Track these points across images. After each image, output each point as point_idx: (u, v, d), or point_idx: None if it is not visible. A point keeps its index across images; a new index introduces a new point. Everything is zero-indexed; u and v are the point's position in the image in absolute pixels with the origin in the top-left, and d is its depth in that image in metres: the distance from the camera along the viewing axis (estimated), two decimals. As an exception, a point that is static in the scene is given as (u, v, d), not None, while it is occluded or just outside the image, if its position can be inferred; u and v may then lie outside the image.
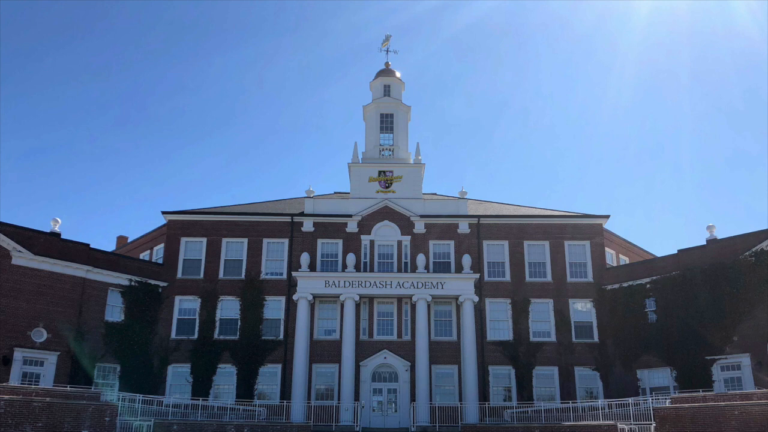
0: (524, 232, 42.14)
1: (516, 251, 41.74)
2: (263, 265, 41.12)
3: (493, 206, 47.01)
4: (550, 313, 40.35)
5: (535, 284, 41.06)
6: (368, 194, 42.72)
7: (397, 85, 47.13)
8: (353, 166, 43.57)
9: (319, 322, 39.98)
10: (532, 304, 40.49)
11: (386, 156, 44.53)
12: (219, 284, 40.50)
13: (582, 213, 43.69)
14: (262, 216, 42.04)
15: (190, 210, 42.71)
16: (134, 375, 37.31)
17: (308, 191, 42.93)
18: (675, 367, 36.38)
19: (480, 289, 40.48)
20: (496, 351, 39.43)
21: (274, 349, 39.26)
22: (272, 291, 40.49)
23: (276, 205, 45.58)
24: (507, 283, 41.03)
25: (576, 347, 39.59)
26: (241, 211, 43.09)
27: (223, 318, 39.69)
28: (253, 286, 40.45)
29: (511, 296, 40.64)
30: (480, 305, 40.25)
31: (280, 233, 41.66)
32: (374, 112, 46.07)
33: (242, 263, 41.02)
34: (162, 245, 42.23)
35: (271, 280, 40.73)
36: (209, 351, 38.94)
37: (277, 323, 39.80)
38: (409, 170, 43.42)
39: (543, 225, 42.39)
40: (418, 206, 42.46)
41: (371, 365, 38.95)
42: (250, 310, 39.87)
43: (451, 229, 42.10)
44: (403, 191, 42.69)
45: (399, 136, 45.20)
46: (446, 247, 41.74)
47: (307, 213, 42.36)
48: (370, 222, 42.07)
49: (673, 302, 37.25)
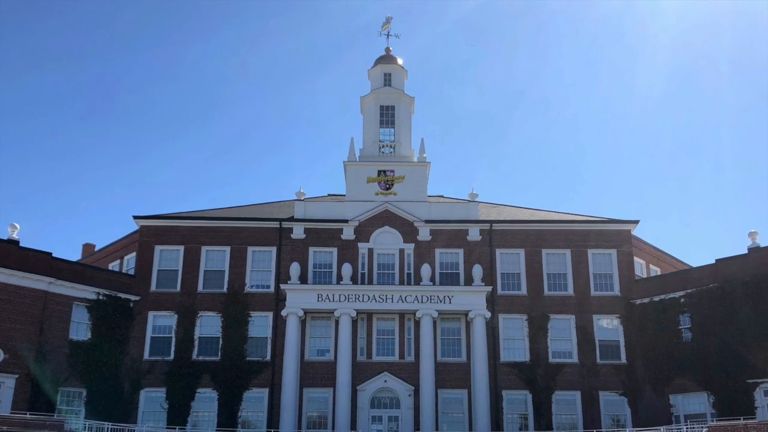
0: (542, 240, 42.23)
1: (533, 261, 41.83)
2: (248, 276, 41.24)
3: (508, 210, 47.08)
4: (571, 330, 40.49)
5: (554, 298, 41.11)
6: (366, 196, 42.89)
7: (398, 73, 47.27)
8: (349, 165, 43.72)
9: (311, 340, 40.22)
10: (551, 320, 40.63)
11: (387, 153, 44.76)
12: (198, 298, 40.63)
13: (608, 218, 43.77)
14: (246, 221, 42.11)
15: (166, 214, 42.59)
16: (102, 400, 37.34)
17: (298, 193, 43.13)
18: (713, 391, 36.54)
19: (492, 304, 40.60)
20: (511, 373, 39.59)
21: (261, 372, 39.44)
22: (258, 306, 40.61)
23: (262, 209, 45.55)
24: (523, 297, 41.12)
25: (601, 369, 39.75)
26: (223, 215, 43.10)
27: (203, 336, 39.82)
28: (236, 301, 40.60)
29: (528, 312, 40.78)
30: (492, 322, 40.36)
31: (266, 241, 41.78)
32: (373, 104, 46.21)
33: (224, 274, 41.18)
34: (133, 254, 42.21)
35: (257, 293, 40.88)
36: (187, 373, 39.01)
37: (263, 342, 39.94)
38: (412, 169, 43.57)
39: (564, 231, 42.44)
40: (422, 210, 42.62)
41: (370, 390, 39.07)
42: (233, 327, 40.00)
43: (459, 235, 42.24)
44: (405, 193, 42.86)
45: (401, 131, 45.35)
46: (454, 256, 41.96)
47: (298, 218, 42.36)
48: (369, 228, 42.24)
49: (710, 318, 37.36)
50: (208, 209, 45.12)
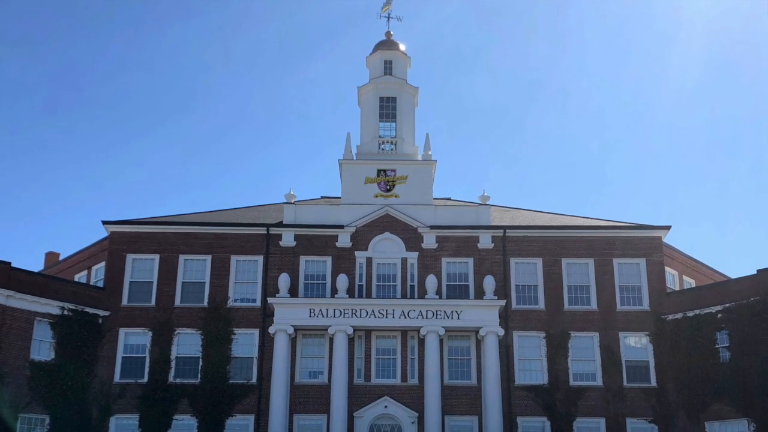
0: (563, 248, 41.09)
1: (552, 272, 40.71)
2: (231, 288, 40.20)
3: (523, 214, 45.99)
4: (595, 349, 39.33)
5: (576, 313, 39.95)
6: (364, 199, 41.73)
7: (401, 60, 46.14)
8: (345, 164, 42.65)
9: (303, 361, 39.18)
10: (572, 338, 39.42)
11: (387, 151, 43.65)
12: (175, 313, 39.50)
13: (636, 223, 42.54)
14: (229, 227, 41.21)
15: (139, 219, 41.88)
16: (67, 428, 36.39)
17: (288, 195, 41.98)
18: (753, 418, 35.44)
19: (506, 320, 39.42)
20: (527, 398, 38.61)
21: (245, 396, 38.41)
22: (243, 322, 39.50)
23: (248, 213, 44.66)
24: (540, 312, 40.01)
25: (628, 393, 38.57)
26: (204, 220, 42.17)
27: (181, 356, 38.84)
28: (218, 316, 39.42)
29: (546, 329, 39.62)
30: (506, 340, 39.17)
31: (252, 249, 40.76)
32: (372, 95, 44.93)
33: (204, 287, 40.19)
34: (102, 264, 41.19)
35: (242, 308, 39.81)
36: (162, 398, 38.02)
37: (248, 363, 39.02)
38: (416, 169, 42.48)
39: (586, 238, 41.34)
40: (427, 214, 41.46)
41: (368, 416, 38.06)
42: (215, 346, 38.89)
43: (469, 243, 41.04)
44: (408, 195, 41.73)
45: (403, 126, 44.18)
46: (463, 266, 40.86)
47: (287, 223, 41.29)
48: (367, 234, 41.07)
49: (751, 336, 36.29)
50: (187, 213, 44.12)
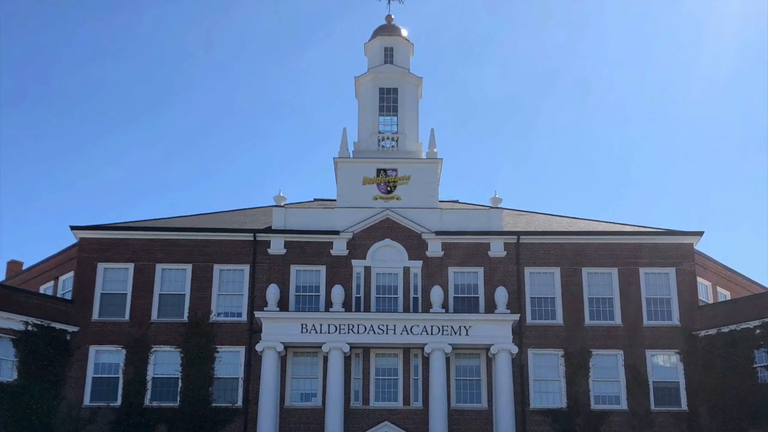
0: (583, 256, 39.67)
1: (571, 282, 39.27)
2: (214, 301, 38.81)
3: (539, 219, 44.34)
4: (619, 369, 37.99)
5: (598, 329, 38.56)
6: (362, 202, 40.32)
7: (403, 47, 44.35)
8: (341, 163, 41.12)
9: (293, 382, 37.86)
10: (593, 356, 37.96)
11: (388, 148, 42.14)
12: (151, 329, 38.14)
13: (664, 229, 41.17)
14: (212, 233, 39.81)
15: (111, 224, 40.46)
16: None
17: (278, 198, 40.45)
18: None
19: (520, 336, 38.01)
20: (543, 423, 37.33)
21: (230, 421, 37.15)
22: (227, 338, 38.14)
23: (233, 218, 43.19)
24: (558, 328, 38.62)
25: (656, 418, 37.26)
26: (184, 225, 40.82)
27: (158, 376, 37.54)
28: (199, 332, 38.05)
29: (564, 346, 38.18)
30: (520, 358, 37.73)
31: (237, 257, 39.44)
32: (371, 85, 43.22)
33: (184, 299, 38.85)
34: (71, 274, 39.83)
35: (226, 323, 38.41)
36: (138, 423, 36.75)
37: (233, 384, 37.67)
38: (420, 168, 41.07)
39: (609, 245, 39.91)
40: (432, 219, 40.04)
41: None
42: (196, 365, 37.48)
43: (479, 250, 39.64)
44: (411, 197, 40.35)
45: (406, 120, 42.60)
46: (472, 276, 39.53)
47: (276, 229, 39.87)
48: (366, 241, 39.74)
49: None
50: (165, 218, 42.89)
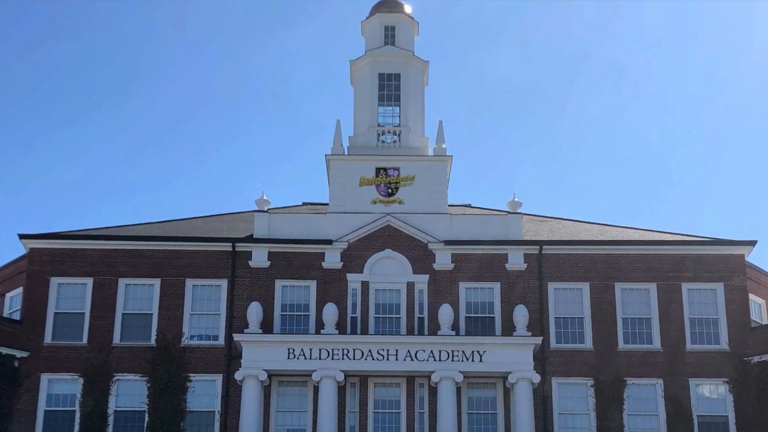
0: (615, 269, 37.44)
1: (602, 300, 37.02)
2: (186, 322, 36.50)
3: (564, 226, 42.13)
4: (658, 401, 35.69)
5: (633, 354, 36.28)
6: (359, 206, 38.15)
7: (406, 26, 41.98)
8: (334, 161, 38.96)
9: (279, 416, 35.77)
10: (628, 386, 35.64)
11: (389, 143, 40.03)
12: (114, 354, 35.92)
13: (710, 237, 39.04)
14: (184, 242, 37.70)
15: (66, 232, 38.55)
16: None
17: (260, 201, 38.19)
18: None
19: (543, 363, 35.76)
20: None
21: None
22: (201, 365, 35.85)
23: (208, 225, 41.11)
24: (587, 353, 36.32)
25: None
26: (150, 234, 38.79)
27: (121, 409, 35.47)
28: (169, 358, 35.88)
29: (595, 374, 35.85)
30: (543, 389, 35.46)
31: (213, 271, 37.26)
32: (369, 70, 41.01)
33: (152, 320, 36.60)
34: (19, 290, 37.93)
35: (200, 347, 36.18)
36: None
37: (208, 418, 35.71)
38: (426, 166, 38.96)
39: (647, 257, 37.61)
40: (441, 226, 37.83)
41: None
42: (165, 396, 35.25)
43: (495, 263, 37.49)
44: (416, 201, 38.20)
45: (410, 111, 40.54)
46: (487, 292, 37.40)
47: (259, 237, 37.61)
48: (363, 252, 37.58)
49: None
50: (129, 225, 40.91)
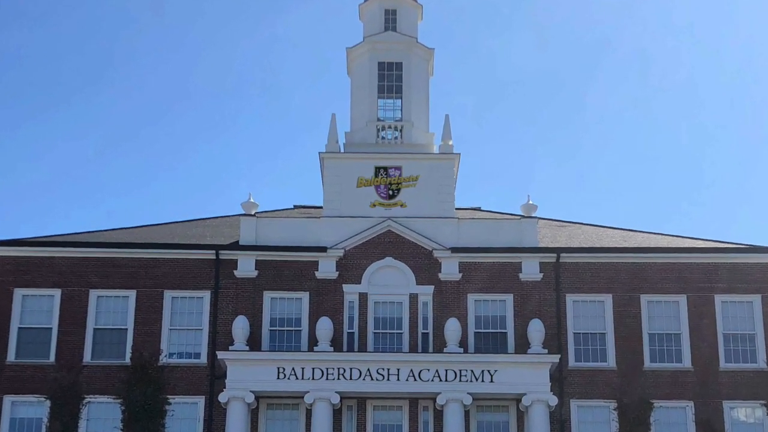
0: (641, 279, 35.94)
1: (626, 314, 35.43)
2: (165, 338, 35.04)
3: (584, 231, 40.64)
4: (688, 425, 34.16)
5: (661, 374, 34.83)
6: (356, 209, 36.66)
7: (409, 10, 40.53)
8: (329, 159, 37.52)
9: None
10: (655, 409, 33.21)
11: (389, 140, 38.60)
12: (84, 374, 33.66)
13: (746, 244, 37.39)
14: (162, 249, 36.19)
15: (32, 239, 37.29)
16: None
17: (247, 204, 36.70)
18: None
19: (560, 383, 34.25)
20: None
21: None
22: (182, 387, 34.08)
23: (189, 231, 39.64)
24: (610, 372, 34.75)
25: None
26: (125, 240, 37.41)
27: None
28: (145, 378, 32.91)
29: (618, 396, 33.29)
30: (561, 412, 33.98)
31: (195, 281, 35.80)
32: (367, 59, 39.58)
33: (126, 336, 35.16)
34: None
35: (180, 366, 34.52)
36: None
37: None
38: (431, 165, 37.50)
39: (675, 266, 36.08)
40: (447, 231, 36.29)
41: None
42: (141, 420, 32.38)
43: (508, 272, 36.13)
44: (419, 204, 36.67)
45: (413, 104, 39.08)
46: (499, 305, 35.91)
47: (245, 244, 36.12)
48: (361, 260, 36.12)
49: None
50: (101, 230, 39.60)
